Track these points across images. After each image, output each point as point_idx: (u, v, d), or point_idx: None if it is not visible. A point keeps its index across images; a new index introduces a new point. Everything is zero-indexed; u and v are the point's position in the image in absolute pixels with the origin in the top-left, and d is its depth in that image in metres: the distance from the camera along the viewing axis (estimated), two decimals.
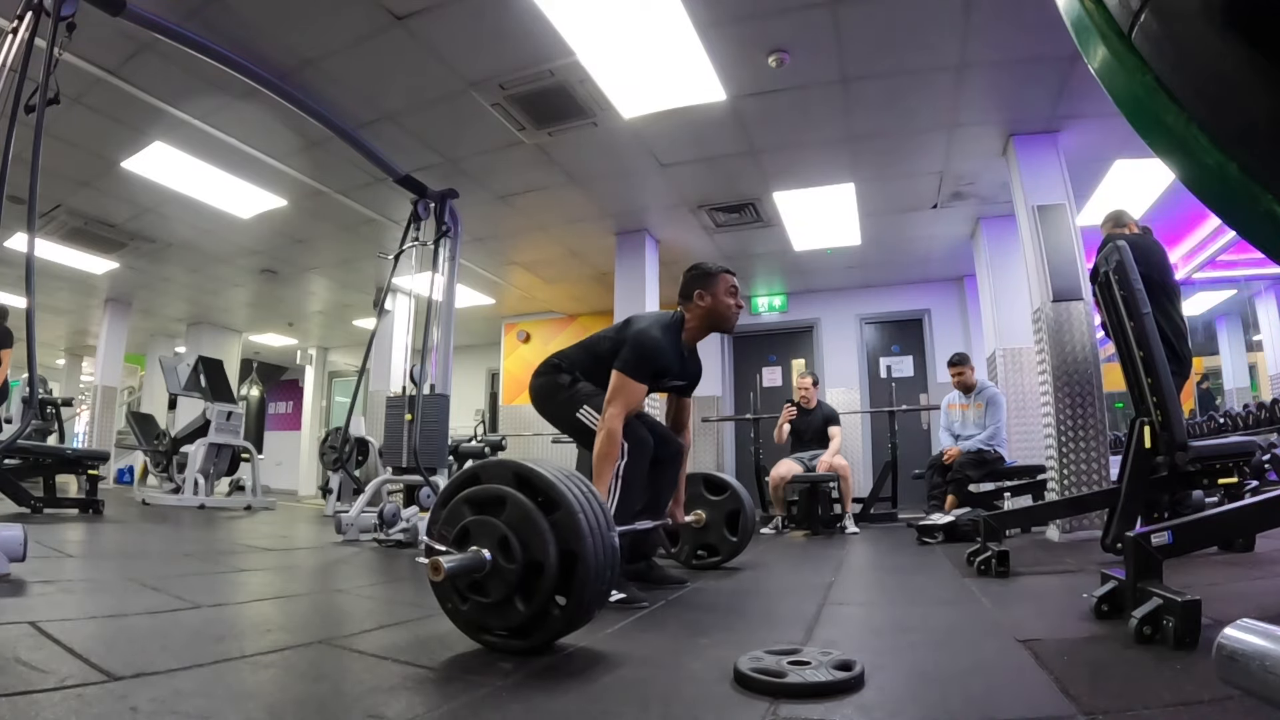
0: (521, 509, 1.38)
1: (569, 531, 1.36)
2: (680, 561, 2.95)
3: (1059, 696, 1.10)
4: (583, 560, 1.35)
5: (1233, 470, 2.38)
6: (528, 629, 1.37)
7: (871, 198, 5.27)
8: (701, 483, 3.00)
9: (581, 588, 1.35)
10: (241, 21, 3.31)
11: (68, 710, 0.94)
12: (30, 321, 2.22)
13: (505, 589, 1.35)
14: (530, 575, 1.35)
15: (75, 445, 8.20)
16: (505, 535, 1.36)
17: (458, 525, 1.43)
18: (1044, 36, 3.27)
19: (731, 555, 2.94)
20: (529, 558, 1.35)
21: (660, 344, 2.30)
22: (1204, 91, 0.52)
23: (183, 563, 2.62)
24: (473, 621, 1.42)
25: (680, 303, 2.47)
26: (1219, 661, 0.69)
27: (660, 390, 2.45)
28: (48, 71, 2.26)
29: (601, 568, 1.38)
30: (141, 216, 5.66)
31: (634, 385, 2.23)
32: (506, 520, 1.37)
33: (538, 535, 1.35)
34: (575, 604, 1.36)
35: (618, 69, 3.69)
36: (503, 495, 1.40)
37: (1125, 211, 3.44)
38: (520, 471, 1.43)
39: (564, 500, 1.38)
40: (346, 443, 5.93)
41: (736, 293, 2.46)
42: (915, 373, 7.32)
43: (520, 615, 1.35)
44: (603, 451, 2.16)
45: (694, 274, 2.47)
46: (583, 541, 1.35)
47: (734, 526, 2.92)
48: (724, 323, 2.43)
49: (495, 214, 5.53)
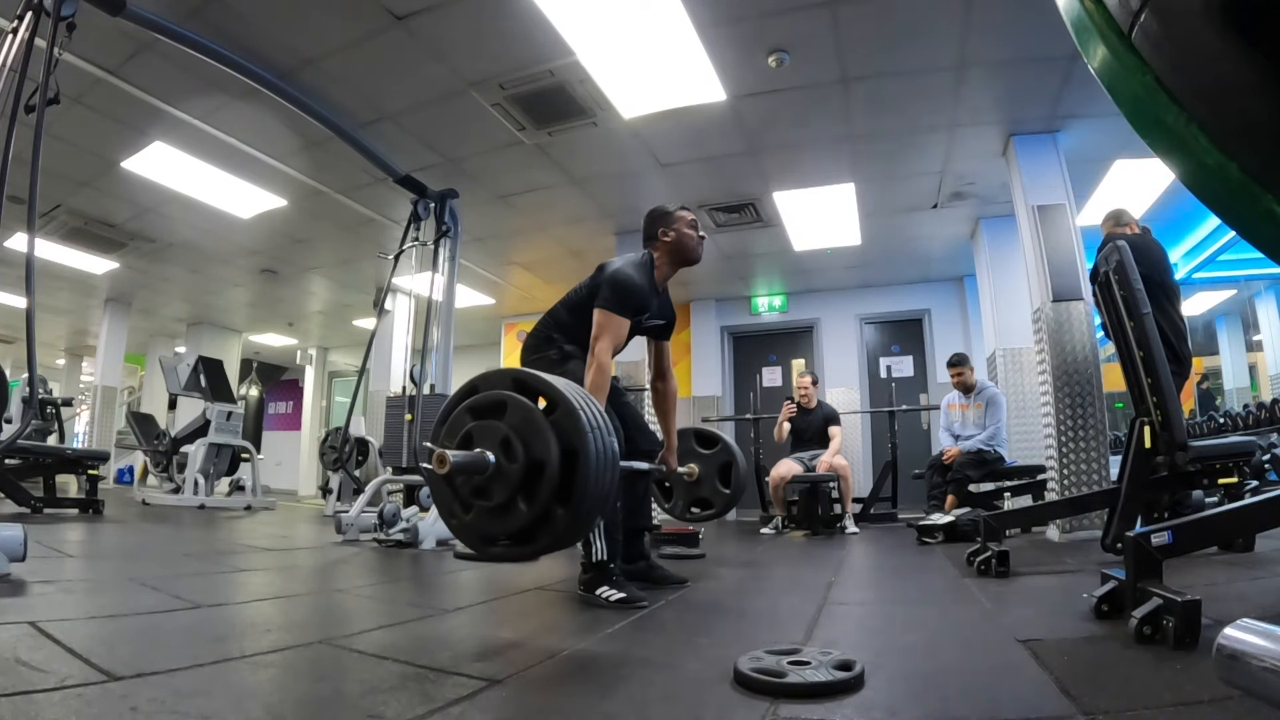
0: (522, 411, 1.40)
1: (570, 430, 1.38)
2: (675, 516, 2.97)
3: (1059, 696, 1.10)
4: (584, 457, 1.36)
5: (1233, 470, 2.37)
6: (532, 533, 1.39)
7: (871, 198, 5.27)
8: (693, 437, 3.01)
9: (583, 487, 1.36)
10: (242, 21, 3.31)
11: (68, 710, 0.94)
12: (30, 321, 2.22)
13: (508, 490, 1.36)
14: (532, 475, 1.36)
15: (75, 445, 8.19)
16: (507, 436, 1.38)
17: (460, 432, 1.44)
18: (1044, 36, 3.27)
19: (725, 508, 2.94)
20: (531, 457, 1.36)
21: (636, 279, 2.34)
22: (1204, 91, 0.52)
23: (183, 563, 2.62)
24: (477, 531, 1.44)
25: (646, 245, 2.51)
26: (1219, 661, 0.69)
27: (642, 332, 2.46)
28: (48, 71, 2.26)
29: (602, 467, 1.40)
30: (141, 216, 5.66)
31: (617, 320, 2.25)
32: (508, 423, 1.40)
33: (539, 435, 1.37)
34: (578, 505, 1.37)
35: (618, 69, 3.69)
36: (503, 400, 1.43)
37: (1125, 210, 3.44)
38: (519, 376, 1.47)
39: (563, 401, 1.41)
40: (346, 443, 5.93)
41: (697, 225, 2.51)
42: (915, 373, 7.31)
43: (523, 518, 1.36)
44: (595, 384, 2.16)
45: (653, 215, 2.53)
46: (584, 438, 1.37)
47: (726, 479, 2.92)
48: (690, 253, 2.48)
49: (495, 214, 5.53)
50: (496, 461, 1.37)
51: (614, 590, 2.03)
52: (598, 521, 2.16)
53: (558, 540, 1.40)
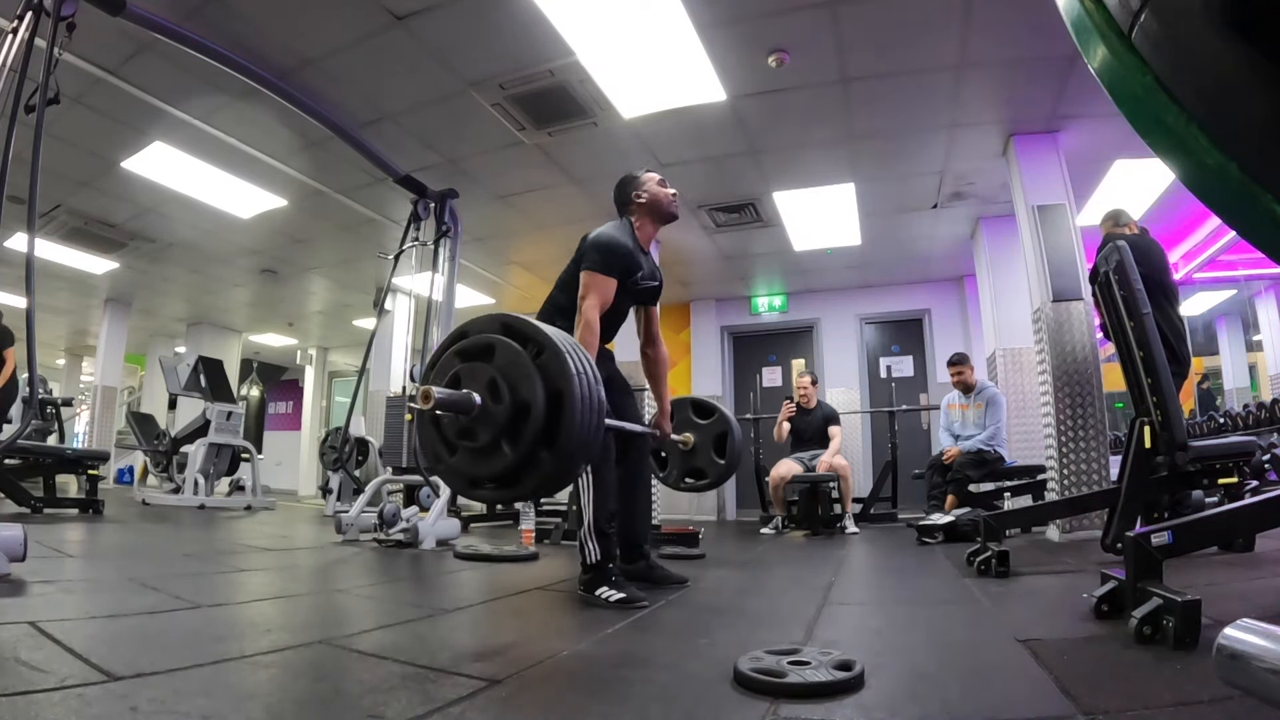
0: (509, 353, 1.43)
1: (556, 373, 1.40)
2: (669, 485, 2.97)
3: (1059, 696, 1.10)
4: (569, 400, 1.38)
5: (1233, 470, 2.38)
6: (517, 475, 1.40)
7: (871, 198, 5.27)
8: (689, 406, 3.00)
9: (569, 430, 1.37)
10: (242, 21, 3.31)
11: (68, 710, 0.94)
12: (30, 321, 2.22)
13: (493, 432, 1.38)
14: (518, 417, 1.38)
15: (75, 445, 8.20)
16: (494, 378, 1.40)
17: (448, 374, 1.46)
18: (1044, 36, 3.27)
19: (720, 479, 2.94)
20: (516, 399, 1.38)
21: (620, 238, 2.35)
22: (1204, 91, 0.52)
23: (183, 563, 2.62)
24: (462, 474, 1.46)
25: (621, 212, 2.52)
26: (1219, 661, 0.69)
27: (637, 295, 2.45)
28: (48, 71, 2.26)
29: (588, 412, 1.41)
30: (141, 216, 5.66)
31: (603, 279, 2.26)
32: (495, 365, 1.42)
33: (525, 377, 1.39)
34: (563, 448, 1.38)
35: (618, 69, 3.69)
36: (491, 343, 1.46)
37: (1124, 211, 3.44)
38: (508, 321, 1.49)
39: (550, 344, 1.43)
40: (346, 443, 5.93)
41: (666, 183, 2.53)
42: (915, 373, 7.31)
43: (508, 460, 1.38)
44: (584, 340, 2.16)
45: (622, 182, 2.54)
46: (570, 381, 1.39)
47: (721, 449, 2.91)
48: (666, 208, 2.49)
49: (495, 214, 5.53)
50: (483, 403, 1.39)
51: (614, 590, 2.03)
52: (586, 522, 2.16)
53: (544, 482, 1.42)
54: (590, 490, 2.19)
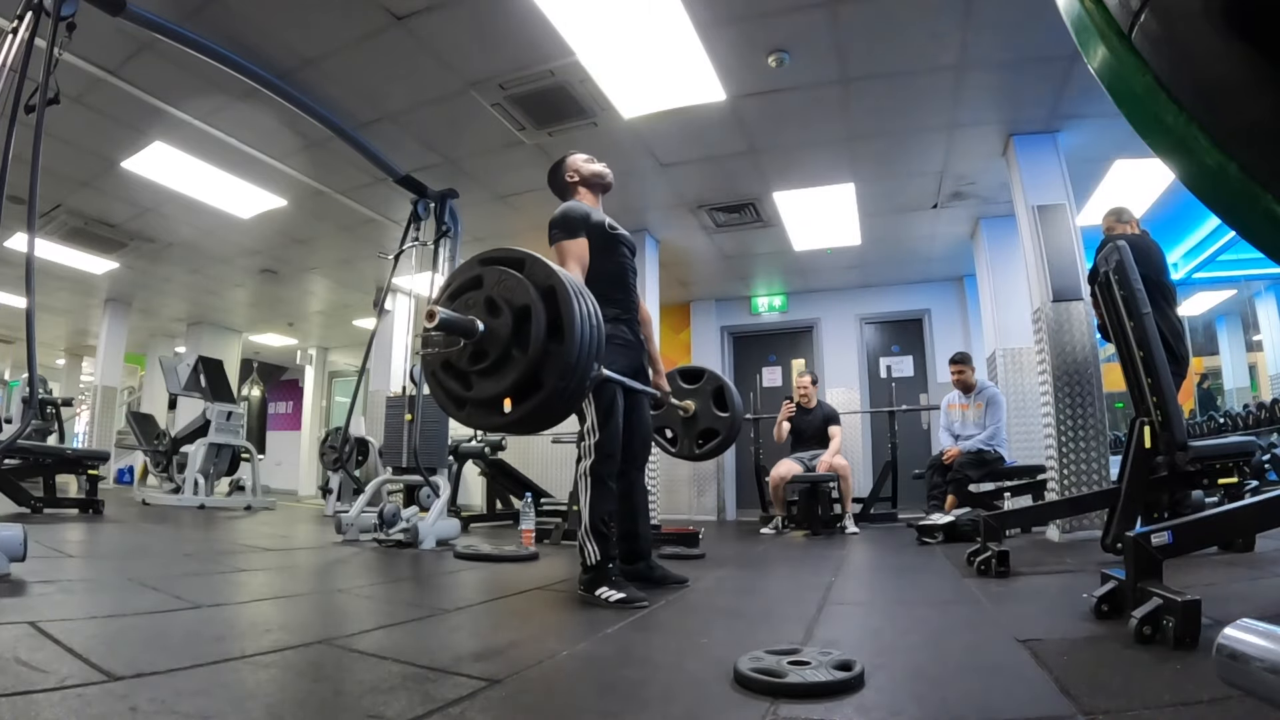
0: (496, 273, 1.57)
1: (542, 274, 1.55)
2: (684, 457, 3.04)
3: (1059, 696, 1.10)
4: (561, 290, 1.51)
5: (1233, 470, 2.38)
6: (534, 377, 1.50)
7: (871, 198, 5.27)
8: (678, 377, 3.07)
9: (570, 315, 1.50)
10: (242, 21, 3.30)
11: (68, 710, 0.94)
12: (30, 321, 2.22)
13: (502, 344, 1.50)
14: (521, 321, 1.50)
15: (75, 445, 8.20)
16: (489, 297, 1.54)
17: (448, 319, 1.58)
18: (1044, 36, 3.27)
19: (730, 433, 3.00)
20: (515, 307, 1.51)
21: (573, 205, 2.44)
22: (1204, 91, 0.52)
23: (183, 563, 2.62)
24: (484, 401, 1.55)
25: (563, 197, 2.59)
26: (1219, 661, 0.69)
27: (622, 242, 2.52)
28: (48, 71, 2.26)
29: (582, 298, 1.55)
30: (141, 216, 5.65)
31: (571, 242, 2.33)
32: (486, 288, 1.56)
33: (517, 286, 1.52)
34: (570, 334, 1.49)
35: (618, 69, 3.69)
36: (477, 274, 1.59)
37: (1126, 208, 3.44)
38: (484, 256, 1.63)
39: (528, 257, 1.58)
40: (346, 443, 5.93)
41: (594, 160, 2.63)
42: (915, 373, 7.31)
43: (523, 364, 1.48)
44: None
45: (551, 172, 2.64)
46: (556, 276, 1.54)
47: (723, 403, 2.96)
48: (600, 178, 2.60)
49: (495, 214, 5.53)
50: (486, 326, 1.51)
51: (614, 590, 2.03)
52: (585, 523, 2.16)
53: (563, 375, 1.50)
54: (588, 491, 2.20)
